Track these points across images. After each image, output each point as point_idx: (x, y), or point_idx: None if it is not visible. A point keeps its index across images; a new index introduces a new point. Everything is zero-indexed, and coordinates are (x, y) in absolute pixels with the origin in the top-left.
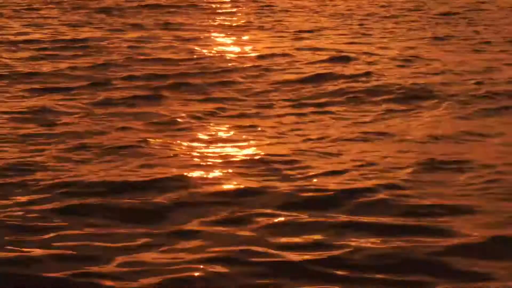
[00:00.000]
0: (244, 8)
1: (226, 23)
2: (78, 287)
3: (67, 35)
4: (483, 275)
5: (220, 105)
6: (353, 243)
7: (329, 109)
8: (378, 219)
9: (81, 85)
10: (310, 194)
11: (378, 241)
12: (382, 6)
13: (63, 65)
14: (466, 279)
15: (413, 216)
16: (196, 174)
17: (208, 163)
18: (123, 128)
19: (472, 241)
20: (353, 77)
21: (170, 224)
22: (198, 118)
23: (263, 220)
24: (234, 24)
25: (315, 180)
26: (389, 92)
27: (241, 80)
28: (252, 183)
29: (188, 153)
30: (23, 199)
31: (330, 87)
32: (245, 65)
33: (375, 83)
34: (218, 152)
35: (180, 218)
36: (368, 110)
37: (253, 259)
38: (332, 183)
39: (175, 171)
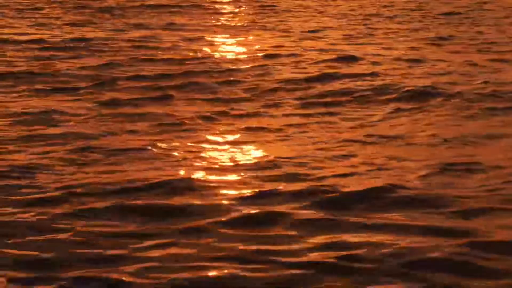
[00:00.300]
0: (247, 8)
1: (229, 23)
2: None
3: (71, 35)
4: (500, 274)
5: (228, 105)
6: (368, 243)
7: (336, 109)
8: (392, 220)
9: (87, 86)
10: (321, 195)
11: (393, 241)
12: (385, 6)
13: (67, 65)
14: (484, 277)
15: (427, 216)
16: (205, 175)
17: (218, 164)
18: (130, 130)
19: (487, 241)
20: (358, 77)
21: (180, 225)
22: (206, 118)
23: (274, 221)
24: (238, 24)
25: (325, 181)
26: (395, 93)
27: (247, 80)
28: (262, 185)
29: (197, 155)
30: (31, 201)
31: (336, 87)
32: (250, 65)
33: (381, 83)
34: (227, 154)
35: (191, 219)
36: (375, 110)
37: (267, 259)
38: (344, 185)
39: (184, 173)
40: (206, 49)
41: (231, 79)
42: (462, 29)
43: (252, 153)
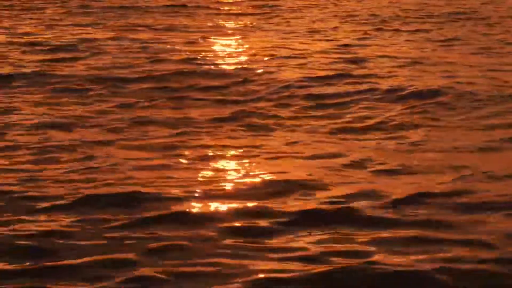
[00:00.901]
0: (252, 9)
1: (236, 24)
2: None
3: (76, 36)
4: None
5: (239, 107)
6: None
7: (348, 111)
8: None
9: (94, 88)
10: (342, 204)
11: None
12: (388, 7)
13: (74, 67)
14: None
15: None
16: (221, 185)
17: (235, 172)
18: (144, 135)
19: None
20: (370, 78)
21: (192, 233)
22: (219, 120)
23: (297, 229)
24: (244, 25)
25: (344, 191)
26: (406, 95)
27: (259, 81)
28: (291, 189)
29: (216, 159)
30: (44, 208)
31: (348, 88)
32: (258, 66)
33: (390, 85)
34: (242, 161)
35: (205, 226)
36: (390, 112)
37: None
38: (366, 193)
39: (197, 179)
40: (214, 50)
41: (242, 80)
42: (470, 30)
43: (272, 157)
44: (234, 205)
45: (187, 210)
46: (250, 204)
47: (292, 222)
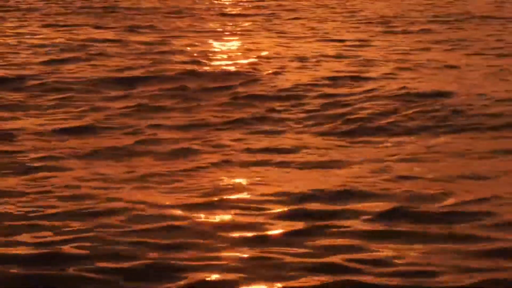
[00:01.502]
0: (256, 11)
1: (240, 26)
2: None
3: (82, 37)
4: None
5: (250, 109)
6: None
7: (359, 113)
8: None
9: (103, 89)
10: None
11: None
12: (392, 8)
13: (82, 69)
14: None
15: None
16: (243, 190)
17: (253, 177)
18: (154, 138)
19: None
20: (376, 80)
21: (222, 237)
22: (230, 122)
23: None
24: (249, 27)
25: (370, 197)
26: (416, 97)
27: (265, 82)
28: (299, 195)
29: (228, 167)
30: (54, 214)
31: (354, 90)
32: (266, 67)
33: (399, 87)
34: (258, 166)
35: (235, 231)
36: (399, 117)
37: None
38: (393, 199)
39: (216, 185)
40: (221, 51)
41: (252, 80)
42: (476, 31)
43: (288, 160)
44: (262, 210)
45: (211, 217)
46: (278, 209)
47: (327, 224)
